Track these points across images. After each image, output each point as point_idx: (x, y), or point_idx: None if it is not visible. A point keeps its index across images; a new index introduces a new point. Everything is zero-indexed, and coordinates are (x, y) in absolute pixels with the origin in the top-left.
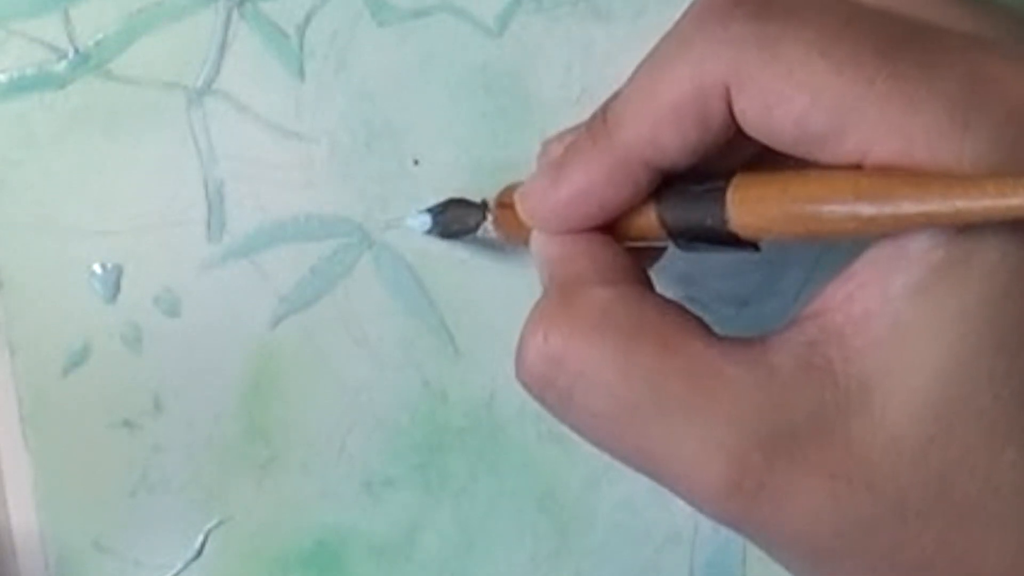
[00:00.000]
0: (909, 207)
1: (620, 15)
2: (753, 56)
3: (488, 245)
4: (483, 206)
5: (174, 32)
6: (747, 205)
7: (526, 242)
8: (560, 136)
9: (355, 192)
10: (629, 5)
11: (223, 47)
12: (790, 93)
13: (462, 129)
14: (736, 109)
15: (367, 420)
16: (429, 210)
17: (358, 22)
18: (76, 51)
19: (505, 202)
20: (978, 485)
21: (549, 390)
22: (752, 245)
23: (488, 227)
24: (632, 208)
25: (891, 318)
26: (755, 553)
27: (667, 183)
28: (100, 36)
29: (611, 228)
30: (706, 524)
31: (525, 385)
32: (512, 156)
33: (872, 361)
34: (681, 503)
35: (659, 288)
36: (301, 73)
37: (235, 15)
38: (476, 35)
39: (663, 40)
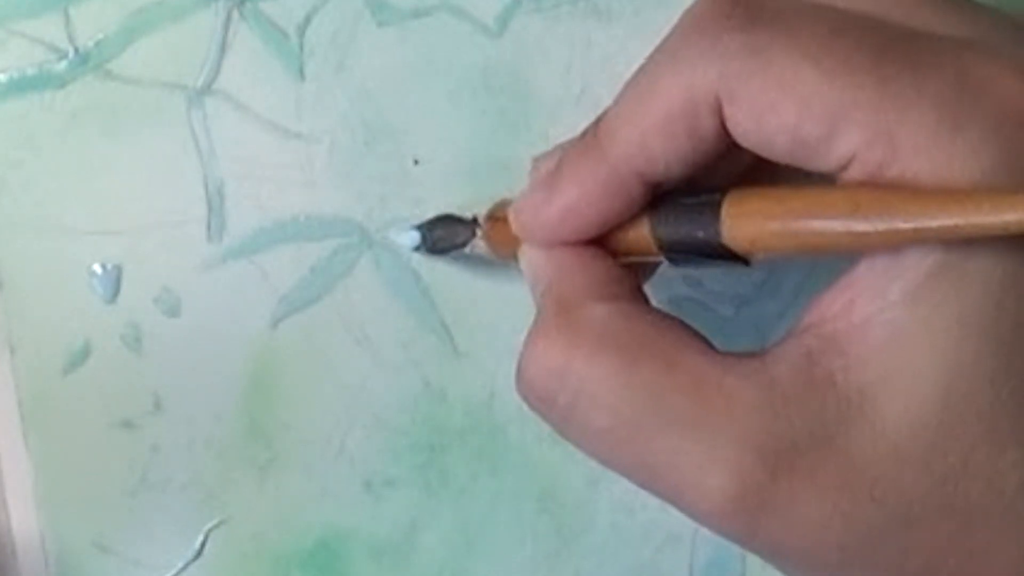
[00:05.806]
0: (904, 223)
1: (620, 15)
2: (743, 66)
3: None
4: (473, 222)
5: (174, 32)
6: (741, 219)
7: (515, 256)
8: (551, 153)
9: (355, 192)
10: (629, 4)
11: (223, 47)
12: (781, 102)
13: (462, 129)
14: (728, 120)
15: (367, 420)
16: (418, 227)
17: (358, 22)
18: (76, 51)
19: (497, 216)
20: (981, 488)
21: (550, 407)
22: (743, 260)
23: (478, 243)
24: (625, 222)
25: (889, 325)
26: None
27: (660, 197)
28: (100, 36)
29: (603, 242)
30: None
31: (526, 400)
32: (512, 156)
33: (872, 369)
34: None
35: (660, 287)
36: (301, 73)
37: (235, 15)
38: (476, 35)
39: (654, 53)
